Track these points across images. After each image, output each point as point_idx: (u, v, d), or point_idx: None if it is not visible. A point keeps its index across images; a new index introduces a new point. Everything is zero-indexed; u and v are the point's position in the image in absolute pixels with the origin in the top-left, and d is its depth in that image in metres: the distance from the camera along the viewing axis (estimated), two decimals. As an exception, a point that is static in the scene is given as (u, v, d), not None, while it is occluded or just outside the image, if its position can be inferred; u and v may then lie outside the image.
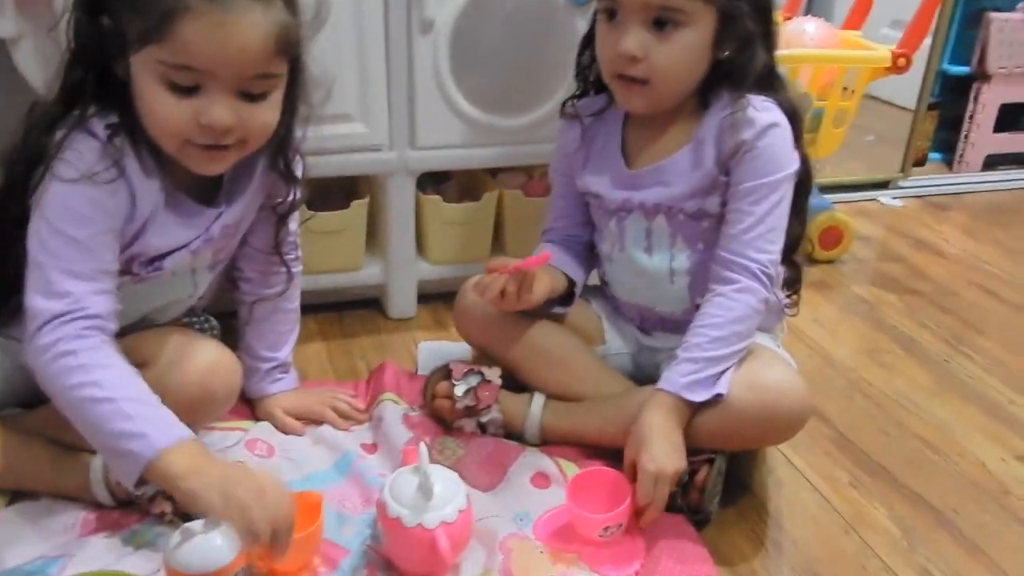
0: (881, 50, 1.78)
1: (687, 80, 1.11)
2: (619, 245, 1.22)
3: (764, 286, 1.11)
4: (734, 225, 1.11)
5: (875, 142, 2.65)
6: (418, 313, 1.61)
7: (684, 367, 1.08)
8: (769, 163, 1.10)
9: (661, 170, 1.15)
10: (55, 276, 0.95)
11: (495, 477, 1.16)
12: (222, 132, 0.96)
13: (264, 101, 0.98)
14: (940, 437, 1.35)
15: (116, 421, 0.90)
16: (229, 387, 1.11)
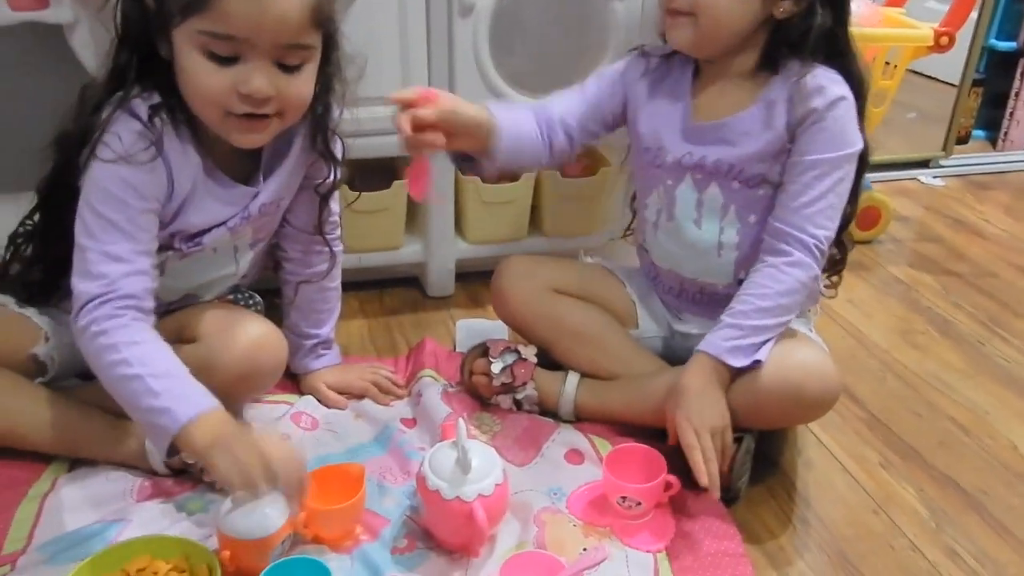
0: (923, 28, 1.77)
1: (732, 21, 1.11)
2: (667, 213, 1.22)
3: (816, 262, 1.12)
4: (795, 197, 1.12)
5: (918, 119, 2.62)
6: (456, 291, 1.64)
7: (728, 332, 1.10)
8: (836, 138, 1.10)
9: (727, 127, 1.15)
10: (93, 257, 1.00)
11: (530, 452, 1.19)
12: (261, 100, 1.00)
13: (300, 72, 1.02)
14: (972, 419, 1.36)
15: (144, 398, 0.96)
16: (275, 362, 1.16)
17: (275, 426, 1.21)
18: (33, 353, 1.12)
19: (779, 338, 1.12)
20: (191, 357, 1.07)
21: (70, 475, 1.11)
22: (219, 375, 1.07)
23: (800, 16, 1.10)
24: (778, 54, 1.13)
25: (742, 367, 1.09)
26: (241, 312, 1.19)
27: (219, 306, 1.21)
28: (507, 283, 1.29)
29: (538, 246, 1.63)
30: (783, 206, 1.13)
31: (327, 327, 1.33)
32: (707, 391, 1.08)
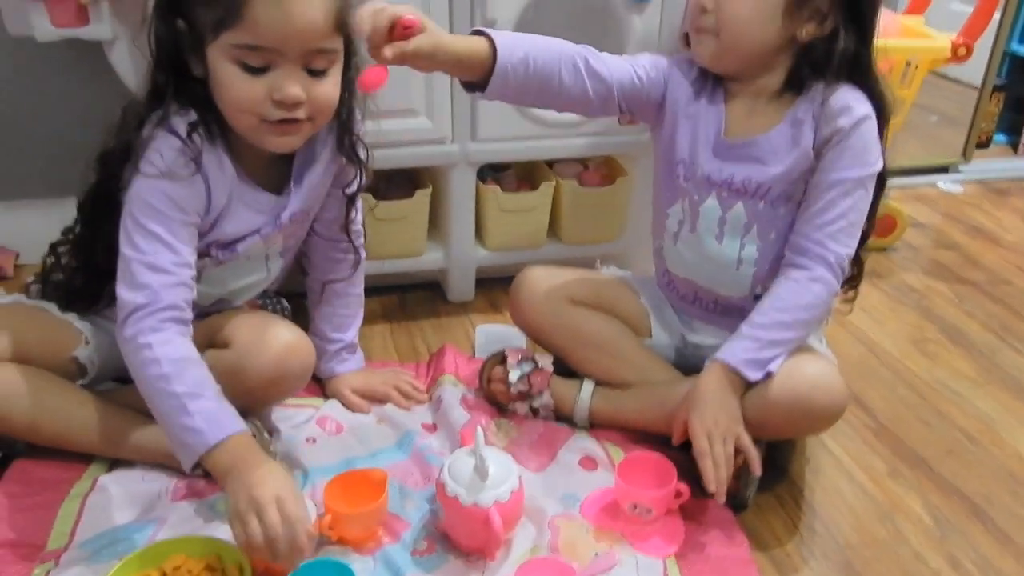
0: (941, 39, 1.78)
1: (754, 40, 1.13)
2: (690, 225, 1.24)
3: (837, 279, 1.15)
4: (819, 215, 1.14)
5: (939, 123, 2.62)
6: (476, 297, 1.69)
7: (746, 343, 1.13)
8: (859, 156, 1.13)
9: (756, 145, 1.18)
10: (136, 268, 1.05)
11: (545, 458, 1.24)
12: (294, 105, 1.05)
13: (327, 76, 1.07)
14: (981, 428, 1.39)
15: (178, 415, 1.01)
16: (303, 367, 1.21)
17: (301, 429, 1.26)
18: (74, 356, 1.18)
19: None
20: (223, 362, 1.12)
21: (109, 475, 1.16)
22: (250, 380, 1.13)
23: (824, 39, 1.13)
24: (803, 75, 1.15)
25: (755, 380, 1.12)
26: (271, 318, 1.24)
27: (250, 312, 1.27)
28: (524, 294, 1.33)
29: (556, 253, 1.67)
30: (806, 222, 1.16)
31: (351, 332, 1.38)
32: (723, 398, 1.11)
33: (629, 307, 1.34)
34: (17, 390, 1.11)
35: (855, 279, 1.28)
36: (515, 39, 1.13)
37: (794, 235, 1.17)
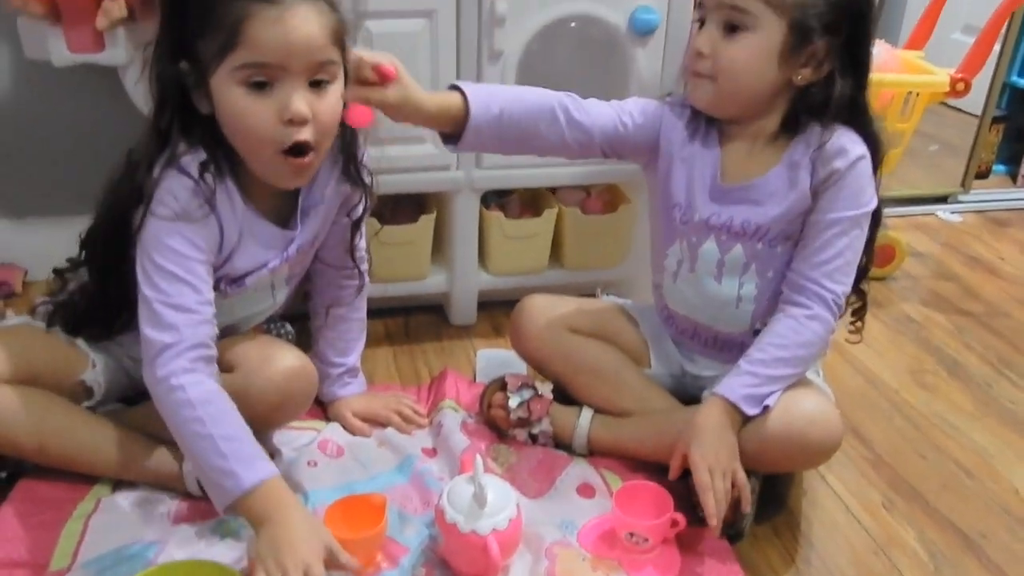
0: (940, 74, 1.80)
1: (751, 83, 1.15)
2: (689, 266, 1.26)
3: (834, 316, 1.17)
4: (816, 253, 1.16)
5: (940, 151, 2.64)
6: (478, 320, 1.71)
7: (745, 378, 1.14)
8: (855, 196, 1.15)
9: (754, 188, 1.19)
10: (161, 309, 1.06)
11: (544, 485, 1.25)
12: (301, 123, 1.04)
13: (328, 90, 1.07)
14: (977, 462, 1.40)
15: (213, 457, 1.03)
16: (306, 392, 1.23)
17: (302, 452, 1.28)
18: (81, 379, 1.19)
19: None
20: (228, 386, 1.14)
21: (112, 496, 1.17)
22: (254, 404, 1.14)
23: (821, 83, 1.14)
24: (799, 117, 1.17)
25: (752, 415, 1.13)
26: (275, 343, 1.26)
27: (254, 337, 1.28)
28: (525, 322, 1.34)
29: (559, 279, 1.69)
30: (803, 261, 1.17)
31: (353, 356, 1.39)
32: (722, 433, 1.12)
33: (628, 337, 1.36)
34: (24, 412, 1.12)
35: (860, 310, 1.30)
36: (490, 94, 1.15)
37: (792, 273, 1.19)
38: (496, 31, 1.44)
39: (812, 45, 1.12)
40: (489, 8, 1.42)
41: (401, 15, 1.41)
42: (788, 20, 1.10)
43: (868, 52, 1.16)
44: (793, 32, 1.11)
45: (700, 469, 1.10)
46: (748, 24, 1.11)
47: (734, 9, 1.11)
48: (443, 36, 1.43)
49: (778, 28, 1.11)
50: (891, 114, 1.83)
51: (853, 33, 1.13)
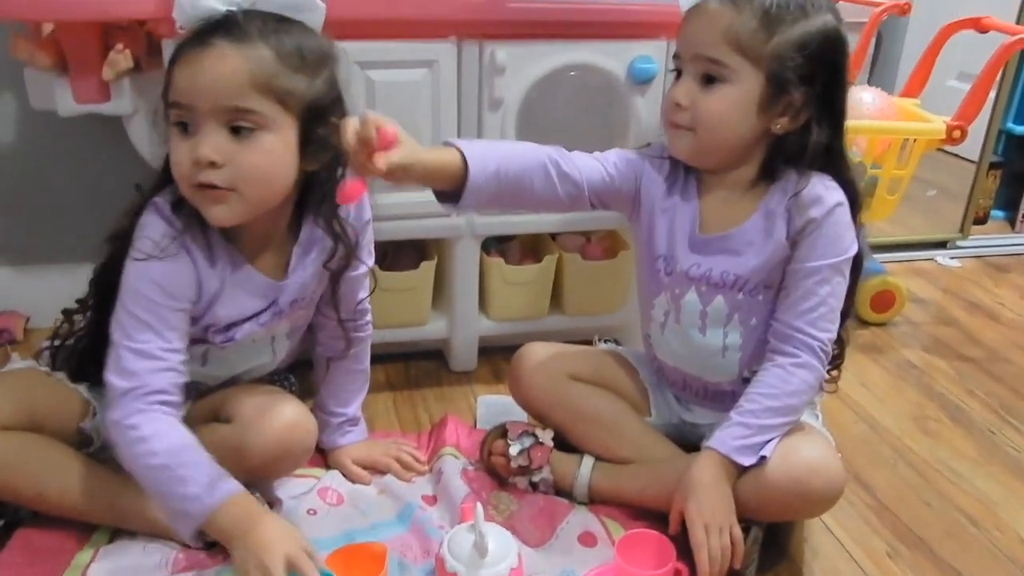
0: (936, 122, 1.82)
1: (730, 134, 1.16)
2: (675, 317, 1.26)
3: (822, 364, 1.17)
4: (798, 303, 1.17)
5: (937, 196, 2.66)
6: (478, 366, 1.70)
7: (736, 430, 1.14)
8: (834, 243, 1.16)
9: (731, 239, 1.20)
10: (125, 354, 1.07)
11: (545, 533, 1.24)
12: (207, 165, 1.03)
13: (252, 141, 1.04)
14: (981, 510, 1.38)
15: (173, 486, 1.03)
16: (305, 445, 1.22)
17: (302, 500, 1.27)
18: (81, 426, 1.19)
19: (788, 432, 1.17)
20: (226, 438, 1.14)
21: (110, 546, 1.16)
22: (254, 457, 1.15)
23: (798, 132, 1.15)
24: (776, 165, 1.18)
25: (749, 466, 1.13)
26: (275, 394, 1.25)
27: (255, 388, 1.27)
28: (525, 370, 1.34)
29: (559, 324, 1.70)
30: (787, 310, 1.18)
31: (354, 406, 1.39)
32: (716, 487, 1.12)
33: (628, 384, 1.36)
34: (24, 459, 1.12)
35: (838, 358, 1.30)
36: (485, 151, 1.14)
37: (776, 323, 1.19)
38: (496, 80, 1.46)
39: (789, 95, 1.13)
40: (489, 58, 1.45)
41: (403, 65, 1.43)
42: (765, 72, 1.12)
43: (843, 100, 1.17)
44: (771, 83, 1.12)
45: (696, 525, 1.10)
46: (726, 76, 1.13)
47: (711, 62, 1.13)
48: (444, 85, 1.45)
49: (756, 80, 1.12)
50: (888, 161, 1.84)
51: (828, 82, 1.14)
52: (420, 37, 1.42)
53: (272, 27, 1.06)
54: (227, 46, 1.03)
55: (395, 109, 1.44)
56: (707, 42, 1.12)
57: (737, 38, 1.11)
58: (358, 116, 1.00)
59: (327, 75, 1.11)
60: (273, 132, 1.06)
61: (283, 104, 1.06)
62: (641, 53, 1.51)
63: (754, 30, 1.11)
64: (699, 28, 1.14)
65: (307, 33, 1.10)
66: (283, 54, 1.06)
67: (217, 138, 1.03)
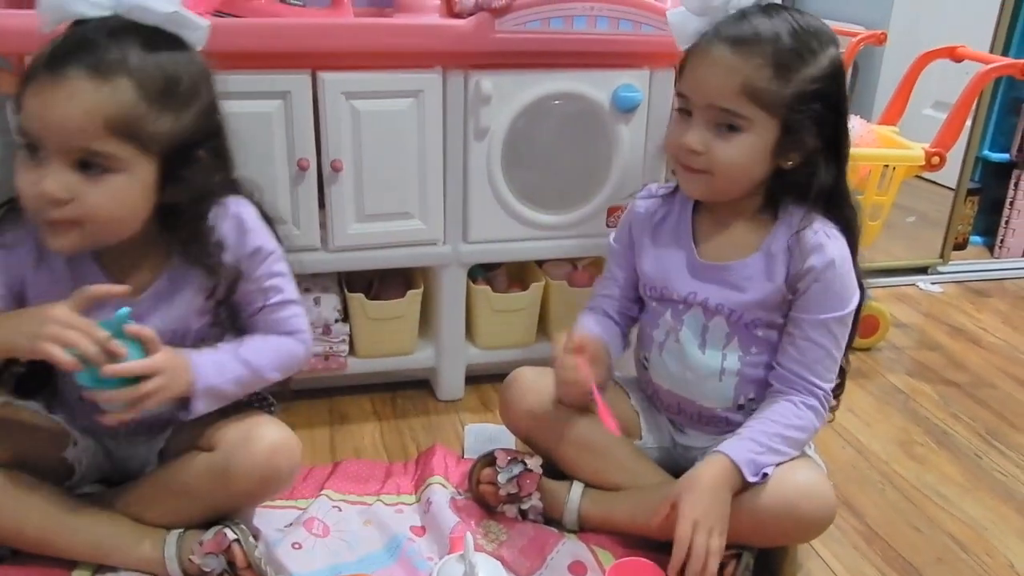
0: (915, 148, 1.85)
1: (745, 177, 1.17)
2: (674, 336, 1.26)
3: (825, 408, 1.19)
4: (803, 352, 1.18)
5: (917, 223, 2.69)
6: (466, 395, 1.69)
7: (748, 443, 1.13)
8: (836, 297, 1.17)
9: (731, 271, 1.21)
10: None
11: (535, 563, 1.22)
12: (50, 202, 0.97)
13: (102, 181, 0.98)
14: (970, 535, 1.38)
15: None
16: (291, 465, 1.18)
17: (288, 534, 1.25)
18: (63, 456, 1.17)
19: (779, 458, 1.17)
20: (211, 466, 1.12)
21: (94, 582, 1.14)
22: (240, 482, 1.13)
23: (803, 166, 1.16)
24: (781, 198, 1.19)
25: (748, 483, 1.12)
26: (257, 418, 1.21)
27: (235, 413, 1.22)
28: (514, 395, 1.33)
29: (546, 351, 1.65)
30: (789, 359, 1.19)
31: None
32: (718, 490, 1.11)
33: (619, 408, 1.34)
34: (3, 495, 1.09)
35: (838, 388, 1.29)
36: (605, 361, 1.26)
37: (779, 367, 1.20)
38: (482, 109, 1.47)
39: (803, 137, 1.14)
40: (475, 87, 1.46)
41: (389, 95, 1.43)
42: (781, 119, 1.12)
43: (847, 138, 1.19)
44: (785, 129, 1.13)
45: (685, 519, 1.08)
46: (742, 126, 1.13)
47: (728, 113, 1.12)
48: (430, 115, 1.46)
49: (771, 127, 1.13)
50: (869, 188, 1.86)
51: (834, 117, 1.16)
52: (405, 67, 1.43)
53: (138, 53, 0.98)
54: (83, 80, 0.95)
55: (381, 139, 1.45)
56: (724, 94, 1.12)
57: (754, 90, 1.10)
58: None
59: (199, 107, 1.04)
60: (126, 173, 1.00)
61: (142, 146, 1.00)
62: (625, 82, 1.53)
63: (770, 79, 1.10)
64: (714, 78, 1.12)
65: (181, 56, 1.02)
66: (148, 90, 0.98)
67: (63, 176, 0.97)
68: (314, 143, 1.44)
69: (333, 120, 1.42)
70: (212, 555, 1.12)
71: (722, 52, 1.12)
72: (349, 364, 1.60)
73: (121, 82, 0.97)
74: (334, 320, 1.56)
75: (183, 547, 1.14)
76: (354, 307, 1.57)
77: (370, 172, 1.47)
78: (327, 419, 1.60)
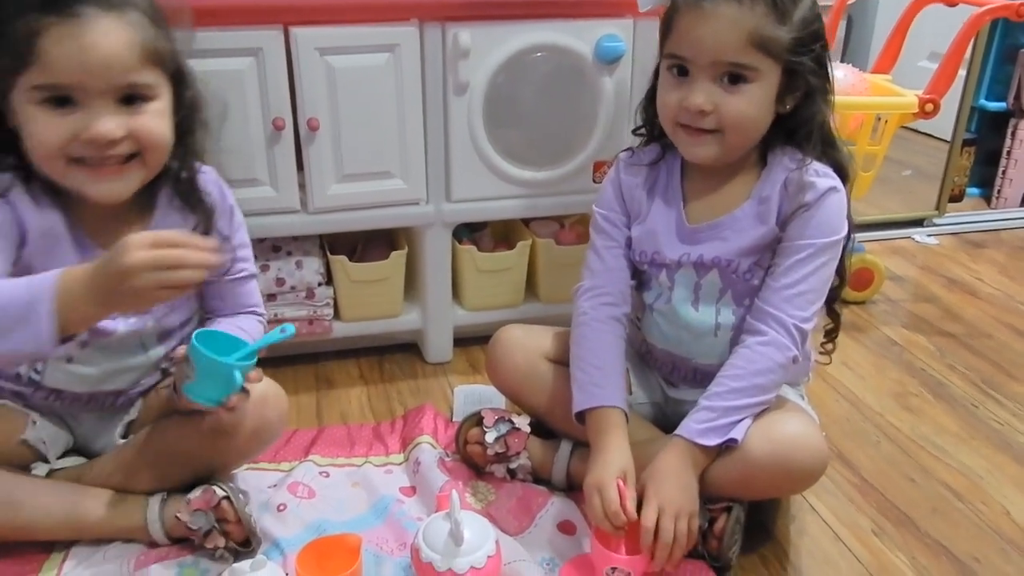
0: (908, 96, 1.81)
1: (755, 129, 1.14)
2: (666, 296, 1.24)
3: (794, 343, 1.13)
4: (778, 279, 1.14)
5: (913, 176, 2.66)
6: (454, 357, 1.67)
7: (701, 415, 1.12)
8: (822, 225, 1.13)
9: (722, 226, 1.18)
10: None
11: (524, 522, 1.21)
12: (108, 144, 0.98)
13: (146, 109, 1.01)
14: (966, 484, 1.37)
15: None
16: (280, 413, 1.19)
17: (273, 495, 1.23)
18: (24, 439, 1.13)
19: (767, 409, 1.15)
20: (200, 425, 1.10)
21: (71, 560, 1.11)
22: (231, 437, 1.12)
23: (796, 110, 1.13)
24: (774, 145, 1.16)
25: (720, 445, 1.10)
26: None
27: None
28: (501, 353, 1.31)
29: (534, 312, 1.67)
30: (768, 287, 1.16)
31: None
32: (679, 474, 1.10)
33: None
34: None
35: (833, 332, 1.28)
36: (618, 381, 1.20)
37: (757, 300, 1.17)
38: (461, 63, 1.43)
39: (804, 79, 1.11)
40: (453, 40, 1.42)
41: (364, 50, 1.40)
42: (783, 65, 1.10)
43: (831, 74, 1.16)
44: (787, 74, 1.11)
45: (650, 506, 1.07)
46: (751, 77, 1.09)
47: (736, 65, 1.09)
48: (407, 70, 1.42)
49: (776, 73, 1.10)
50: (862, 137, 1.83)
51: (820, 59, 1.13)
52: (380, 20, 1.39)
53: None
54: (103, 17, 0.96)
55: (357, 96, 1.42)
56: (731, 48, 1.08)
57: (761, 39, 1.07)
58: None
59: (183, 27, 1.07)
60: (161, 98, 1.04)
61: (163, 69, 1.03)
62: (608, 32, 1.49)
63: (774, 26, 1.07)
64: (718, 34, 1.08)
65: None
66: (152, 14, 1.02)
67: (115, 113, 0.99)
68: (289, 102, 1.40)
69: (308, 77, 1.38)
70: (201, 512, 1.11)
71: (721, 6, 1.08)
72: (334, 328, 1.58)
73: (129, 9, 1.00)
74: (317, 284, 1.53)
75: (167, 510, 1.13)
76: (337, 270, 1.54)
77: (348, 131, 1.43)
78: (313, 384, 1.58)
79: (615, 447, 1.13)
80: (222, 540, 1.11)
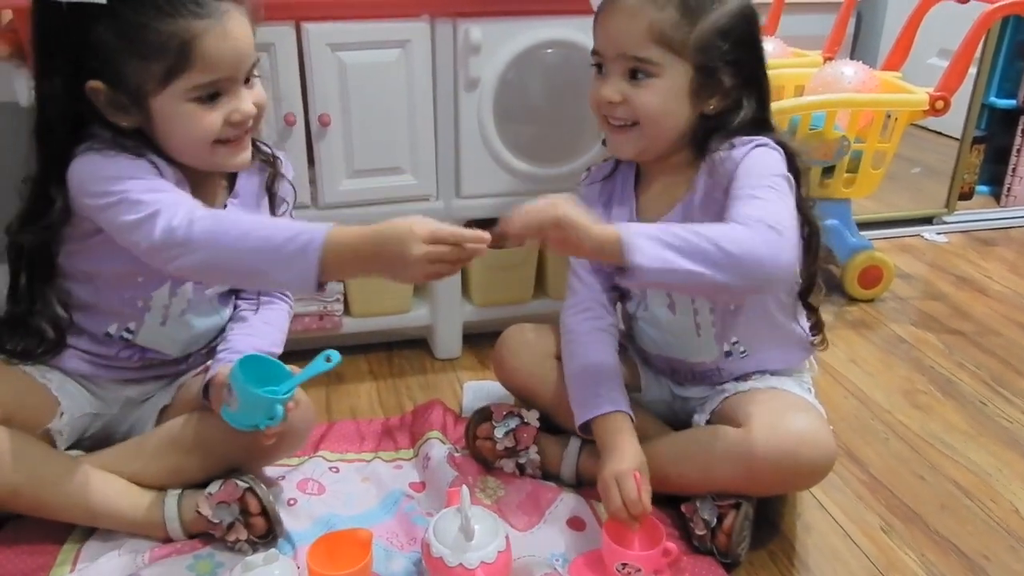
0: (919, 93, 1.81)
1: (671, 124, 1.15)
2: (643, 304, 1.26)
3: (776, 234, 1.01)
4: (740, 207, 1.06)
5: (922, 174, 2.65)
6: (463, 353, 1.68)
7: (651, 228, 1.01)
8: (756, 167, 1.11)
9: (670, 220, 1.18)
10: (136, 198, 1.02)
11: (533, 518, 1.21)
12: (248, 119, 1.10)
13: (257, 82, 1.13)
14: (975, 482, 1.37)
15: (275, 236, 0.98)
16: (307, 421, 1.22)
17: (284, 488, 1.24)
18: (47, 428, 1.14)
19: (775, 403, 1.15)
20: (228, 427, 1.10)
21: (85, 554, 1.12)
22: (256, 439, 1.12)
23: (728, 109, 1.15)
24: (709, 142, 1.16)
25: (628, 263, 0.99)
26: None
27: None
28: (508, 351, 1.32)
29: (544, 308, 1.67)
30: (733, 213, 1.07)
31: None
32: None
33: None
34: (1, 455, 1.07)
35: (818, 324, 1.29)
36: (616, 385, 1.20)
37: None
38: (471, 59, 1.44)
39: (719, 80, 1.13)
40: (464, 36, 1.42)
41: (375, 46, 1.40)
42: (692, 62, 1.11)
43: (765, 73, 1.17)
44: (699, 72, 1.12)
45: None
46: (653, 72, 1.12)
47: (637, 60, 1.12)
48: (418, 66, 1.43)
49: (684, 71, 1.12)
50: (872, 134, 1.82)
51: (750, 59, 1.15)
52: (392, 16, 1.40)
53: None
54: (235, 11, 1.06)
55: (368, 92, 1.42)
56: (631, 41, 1.11)
57: (661, 34, 1.10)
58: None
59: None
60: None
61: None
62: (618, 28, 1.48)
63: (676, 23, 1.10)
64: (620, 26, 1.12)
65: None
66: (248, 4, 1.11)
67: (247, 94, 1.10)
68: (300, 97, 1.41)
69: (319, 73, 1.39)
70: (224, 504, 1.11)
71: (629, 1, 1.11)
72: (344, 323, 1.59)
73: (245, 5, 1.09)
74: (327, 279, 1.53)
75: (184, 506, 1.13)
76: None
77: (359, 126, 1.44)
78: (323, 379, 1.56)
79: (627, 444, 1.14)
80: (244, 533, 1.12)
